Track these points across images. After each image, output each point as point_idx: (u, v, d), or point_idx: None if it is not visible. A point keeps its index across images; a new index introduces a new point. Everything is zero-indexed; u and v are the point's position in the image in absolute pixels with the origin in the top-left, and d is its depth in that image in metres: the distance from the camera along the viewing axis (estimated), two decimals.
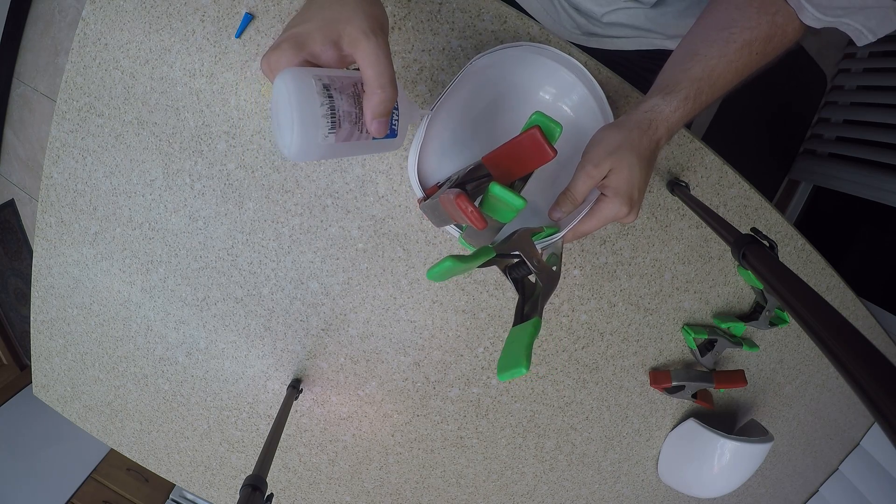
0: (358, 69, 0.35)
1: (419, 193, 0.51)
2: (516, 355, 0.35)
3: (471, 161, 0.49)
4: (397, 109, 0.40)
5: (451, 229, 0.53)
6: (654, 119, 0.45)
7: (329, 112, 0.34)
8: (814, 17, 0.42)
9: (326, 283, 0.69)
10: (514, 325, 0.40)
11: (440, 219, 0.48)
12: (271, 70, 0.34)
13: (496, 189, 0.42)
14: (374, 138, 0.37)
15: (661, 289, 0.70)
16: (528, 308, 0.41)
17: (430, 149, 0.55)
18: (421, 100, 0.60)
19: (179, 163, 0.65)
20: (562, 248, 0.49)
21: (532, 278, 0.43)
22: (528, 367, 0.34)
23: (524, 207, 0.42)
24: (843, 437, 0.87)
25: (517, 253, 0.42)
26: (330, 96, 0.33)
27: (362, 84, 0.35)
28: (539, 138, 0.42)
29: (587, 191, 0.46)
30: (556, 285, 0.42)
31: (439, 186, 0.50)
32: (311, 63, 0.34)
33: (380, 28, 0.34)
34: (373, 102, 0.34)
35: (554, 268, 0.43)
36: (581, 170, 0.45)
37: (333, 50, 0.34)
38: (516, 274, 0.43)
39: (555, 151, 0.42)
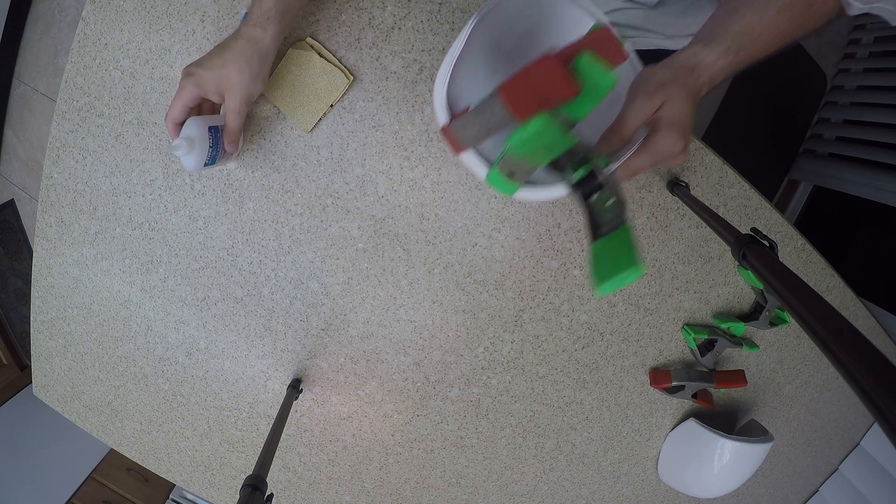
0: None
1: (444, 118, 0.44)
2: (621, 258, 0.32)
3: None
4: (217, 148, 0.56)
5: (477, 163, 0.45)
6: (698, 65, 0.43)
7: (211, 147, 0.55)
8: (854, 7, 0.42)
9: (326, 283, 0.69)
10: (593, 241, 0.37)
11: (483, 128, 0.39)
12: (179, 102, 0.52)
13: (587, 58, 0.34)
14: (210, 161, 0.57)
15: (661, 289, 0.70)
16: (606, 223, 0.37)
17: (460, 70, 0.46)
18: (421, 100, 0.61)
19: (179, 163, 0.65)
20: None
21: (596, 200, 0.39)
22: (642, 268, 0.31)
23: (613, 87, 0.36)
24: (843, 437, 0.87)
25: (589, 169, 0.38)
26: (214, 136, 0.54)
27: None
28: (611, 35, 0.36)
29: (638, 124, 0.43)
30: (626, 208, 0.38)
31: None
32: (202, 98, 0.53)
33: (247, 102, 0.53)
34: (227, 140, 0.56)
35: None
36: (631, 103, 0.42)
37: (218, 98, 0.53)
38: (586, 189, 0.39)
39: (626, 55, 0.38)
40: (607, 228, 0.37)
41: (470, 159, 0.45)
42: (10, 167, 1.81)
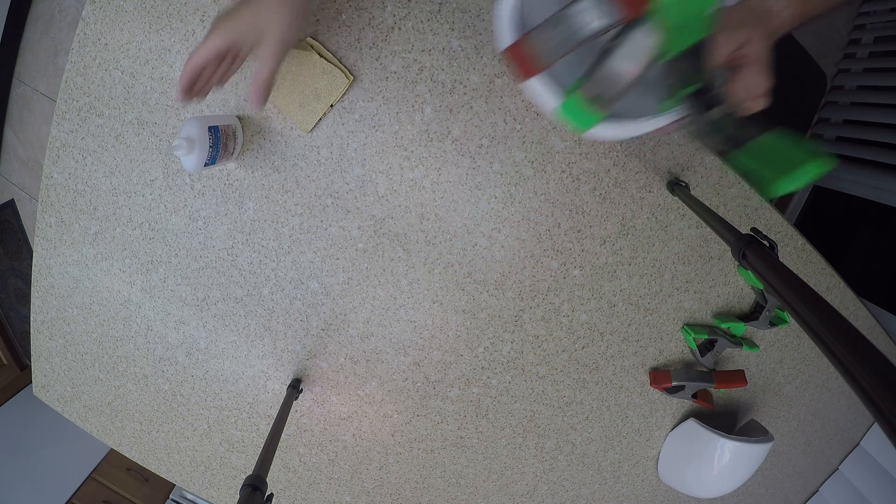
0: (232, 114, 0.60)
1: (512, 36, 0.38)
2: (791, 156, 0.29)
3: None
4: (217, 148, 0.56)
5: (548, 90, 0.39)
6: (769, 10, 0.43)
7: (211, 147, 0.55)
8: None
9: (326, 283, 0.69)
10: (729, 153, 0.34)
11: (573, 35, 0.33)
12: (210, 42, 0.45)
13: None
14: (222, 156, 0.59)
15: (661, 289, 0.70)
16: (739, 135, 0.35)
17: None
18: (421, 100, 0.61)
19: (179, 163, 0.65)
20: None
21: (715, 113, 0.37)
22: (828, 160, 0.28)
23: None
24: (843, 437, 0.87)
25: (705, 81, 0.35)
26: (214, 136, 0.55)
27: (230, 126, 0.58)
28: None
29: (722, 59, 0.41)
30: (757, 119, 0.36)
31: None
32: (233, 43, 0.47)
33: (285, 45, 0.47)
34: (255, 88, 0.47)
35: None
36: (714, 38, 0.41)
37: (254, 36, 0.46)
38: (707, 99, 0.37)
39: None
40: (746, 137, 0.35)
41: (539, 85, 0.39)
42: (10, 167, 1.81)
